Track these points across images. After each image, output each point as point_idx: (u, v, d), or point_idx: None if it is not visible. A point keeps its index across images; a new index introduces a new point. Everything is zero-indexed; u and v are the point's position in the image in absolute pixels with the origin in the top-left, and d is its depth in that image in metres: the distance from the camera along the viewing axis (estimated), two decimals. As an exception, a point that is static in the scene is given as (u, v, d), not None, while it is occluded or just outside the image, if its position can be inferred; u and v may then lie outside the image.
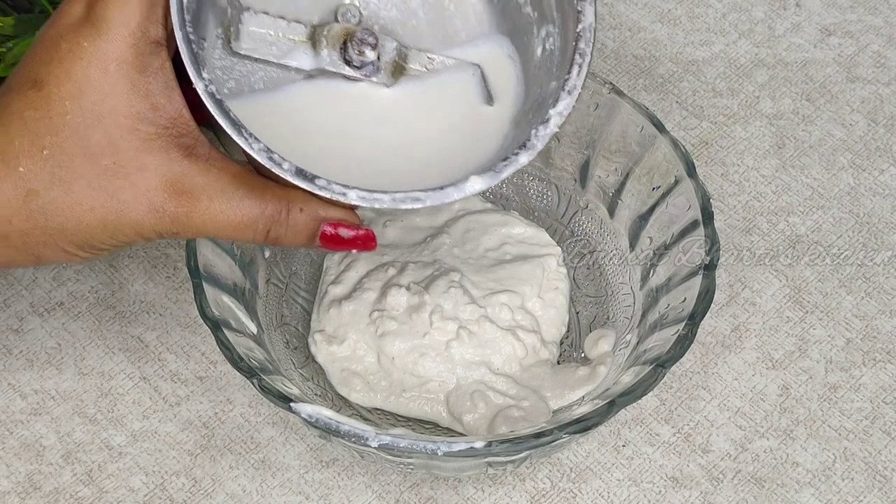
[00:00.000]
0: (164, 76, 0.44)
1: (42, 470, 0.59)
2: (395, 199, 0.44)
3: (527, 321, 0.60)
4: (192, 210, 0.44)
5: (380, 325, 0.59)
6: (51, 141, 0.43)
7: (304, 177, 0.43)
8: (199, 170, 0.44)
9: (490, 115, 0.51)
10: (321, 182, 0.43)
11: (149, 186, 0.44)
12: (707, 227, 0.56)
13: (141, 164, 0.44)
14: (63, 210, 0.44)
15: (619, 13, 0.78)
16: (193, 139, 0.44)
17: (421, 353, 0.59)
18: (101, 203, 0.44)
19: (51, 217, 0.44)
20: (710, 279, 0.54)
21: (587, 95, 0.61)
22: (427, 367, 0.59)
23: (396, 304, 0.59)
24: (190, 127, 0.45)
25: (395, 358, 0.59)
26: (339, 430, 0.50)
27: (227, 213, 0.45)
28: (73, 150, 0.44)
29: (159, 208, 0.44)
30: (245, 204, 0.45)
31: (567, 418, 0.51)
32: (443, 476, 0.59)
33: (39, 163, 0.44)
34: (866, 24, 0.77)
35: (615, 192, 0.62)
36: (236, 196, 0.45)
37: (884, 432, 0.61)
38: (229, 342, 0.52)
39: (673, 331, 0.54)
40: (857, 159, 0.71)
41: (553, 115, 0.47)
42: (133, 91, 0.44)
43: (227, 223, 0.45)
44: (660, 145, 0.59)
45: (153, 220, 0.44)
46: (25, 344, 0.63)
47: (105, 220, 0.44)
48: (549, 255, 0.62)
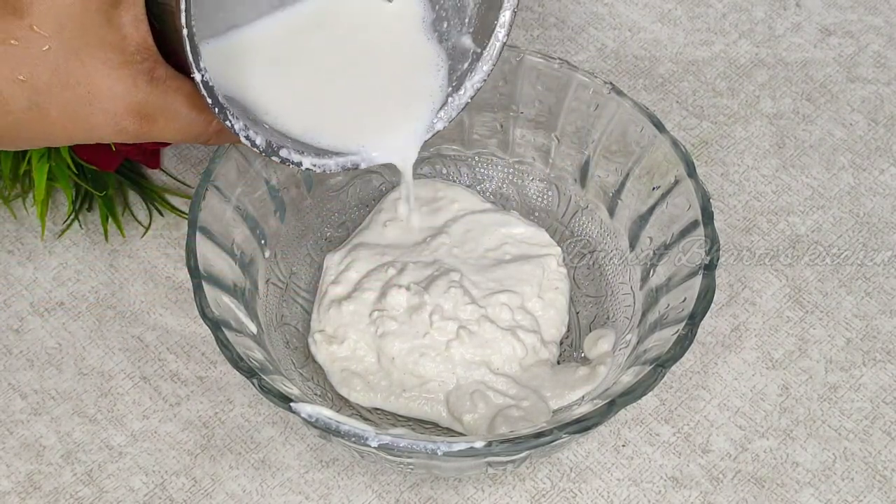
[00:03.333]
0: (136, 9, 0.48)
1: (42, 470, 0.59)
2: (339, 163, 0.54)
3: (527, 321, 0.60)
4: (151, 129, 0.49)
5: (380, 325, 0.59)
6: (29, 72, 0.46)
7: (271, 151, 0.51)
8: (160, 93, 0.49)
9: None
10: (284, 153, 0.52)
11: (116, 111, 0.48)
12: (707, 226, 0.56)
13: (112, 93, 0.48)
14: (35, 130, 0.48)
15: (619, 13, 0.78)
16: (154, 62, 0.49)
17: (421, 354, 0.59)
18: (73, 125, 0.48)
19: (23, 132, 0.48)
20: (710, 279, 0.54)
21: (587, 95, 0.61)
22: (427, 368, 0.59)
23: (396, 304, 0.59)
24: (152, 51, 0.49)
25: (395, 358, 0.59)
26: (339, 430, 0.50)
27: (179, 128, 0.50)
28: (50, 79, 0.47)
29: (124, 129, 0.49)
30: (195, 121, 0.50)
31: (567, 418, 0.51)
32: (443, 476, 0.59)
33: (17, 89, 0.47)
34: (866, 24, 0.77)
35: (615, 192, 0.62)
36: (190, 115, 0.50)
37: (884, 432, 0.61)
38: (229, 342, 0.52)
39: (673, 331, 0.54)
40: (857, 159, 0.71)
41: (469, 87, 0.57)
42: (108, 25, 0.47)
43: (178, 136, 0.50)
44: (660, 145, 0.59)
45: (116, 137, 0.49)
46: (25, 344, 0.63)
47: (73, 137, 0.49)
48: (549, 255, 0.62)
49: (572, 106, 0.62)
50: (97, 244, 0.67)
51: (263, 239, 0.61)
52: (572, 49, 0.76)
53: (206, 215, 0.57)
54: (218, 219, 0.58)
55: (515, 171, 0.66)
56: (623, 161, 0.61)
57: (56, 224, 0.68)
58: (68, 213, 0.67)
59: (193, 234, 0.56)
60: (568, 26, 0.77)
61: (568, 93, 0.62)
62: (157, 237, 0.67)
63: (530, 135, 0.64)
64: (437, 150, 0.66)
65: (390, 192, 0.66)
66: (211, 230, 0.57)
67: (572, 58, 0.75)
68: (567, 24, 0.77)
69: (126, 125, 0.49)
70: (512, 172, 0.66)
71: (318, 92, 0.55)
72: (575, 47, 0.76)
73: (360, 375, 0.59)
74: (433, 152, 0.66)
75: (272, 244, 0.62)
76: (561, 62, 0.61)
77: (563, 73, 0.61)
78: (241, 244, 0.59)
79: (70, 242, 0.67)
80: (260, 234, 0.61)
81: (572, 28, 0.77)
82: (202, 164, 0.70)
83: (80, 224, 0.67)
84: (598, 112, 0.61)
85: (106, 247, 0.67)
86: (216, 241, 0.57)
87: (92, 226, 0.68)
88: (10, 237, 0.67)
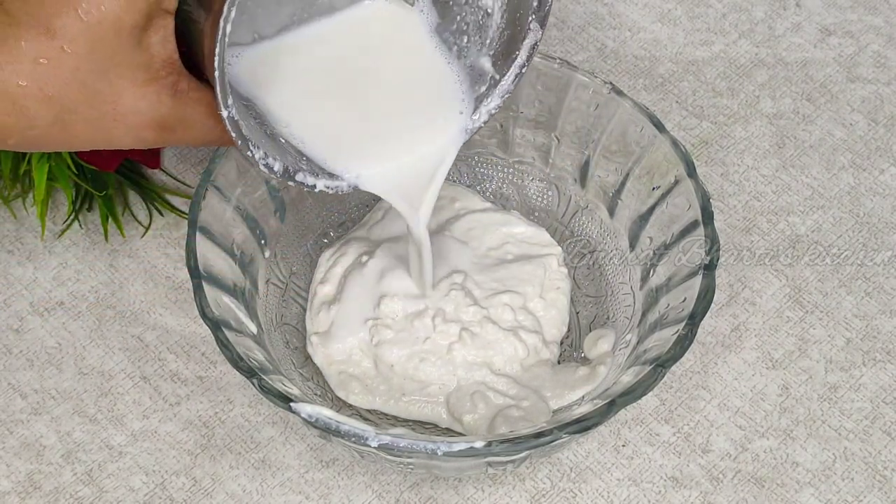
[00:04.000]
0: (165, 31, 0.48)
1: (42, 470, 0.59)
2: (351, 185, 0.54)
3: (529, 321, 0.60)
4: (170, 138, 0.50)
5: (374, 333, 0.59)
6: (57, 90, 0.47)
7: (287, 176, 0.51)
8: (181, 105, 0.49)
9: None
10: (299, 177, 0.52)
11: (139, 125, 0.49)
12: (707, 227, 0.56)
13: (136, 109, 0.48)
14: (57, 141, 0.49)
15: (619, 13, 0.78)
16: (178, 74, 0.49)
17: (421, 359, 0.59)
18: (95, 137, 0.49)
19: (44, 142, 0.49)
20: (710, 279, 0.54)
21: (587, 95, 0.61)
22: (428, 372, 0.59)
23: (391, 311, 0.59)
24: (177, 65, 0.49)
25: (395, 365, 0.59)
26: (338, 430, 0.50)
27: (196, 136, 0.51)
28: (77, 97, 0.47)
29: (143, 139, 0.50)
30: (213, 128, 0.51)
31: (567, 418, 0.51)
32: (442, 476, 0.59)
33: (44, 106, 0.47)
34: (866, 24, 0.77)
35: (615, 192, 0.62)
36: (207, 124, 0.50)
37: (884, 432, 0.61)
38: (229, 342, 0.52)
39: (673, 331, 0.54)
40: (857, 159, 0.71)
41: (484, 112, 0.57)
42: (138, 47, 0.47)
43: (194, 142, 0.51)
44: (660, 145, 0.59)
45: (134, 145, 0.50)
46: (25, 344, 0.63)
47: (94, 145, 0.50)
48: (551, 255, 0.62)
49: (572, 106, 0.62)
50: (97, 244, 0.67)
51: (263, 239, 0.61)
52: (572, 49, 0.76)
53: (206, 215, 0.57)
54: (218, 219, 0.58)
55: (515, 170, 0.66)
56: (623, 161, 0.61)
57: (56, 224, 0.68)
58: (68, 213, 0.67)
59: (193, 234, 0.56)
60: (568, 26, 0.77)
61: (568, 93, 0.62)
62: (157, 237, 0.67)
63: (530, 134, 0.64)
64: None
65: None
66: (211, 230, 0.57)
67: (572, 58, 0.75)
68: (567, 24, 0.77)
69: (146, 136, 0.49)
70: (512, 172, 0.66)
71: (337, 112, 0.55)
72: (575, 47, 0.76)
73: (358, 379, 0.59)
74: None
75: (272, 244, 0.62)
76: (561, 62, 0.61)
77: (563, 73, 0.61)
78: (241, 244, 0.59)
79: (70, 242, 0.67)
80: (260, 233, 0.61)
81: (572, 28, 0.77)
82: (202, 163, 0.70)
83: (80, 224, 0.67)
84: (598, 112, 0.61)
85: (106, 247, 0.67)
86: (216, 241, 0.57)
87: (92, 226, 0.68)
88: (10, 237, 0.67)
